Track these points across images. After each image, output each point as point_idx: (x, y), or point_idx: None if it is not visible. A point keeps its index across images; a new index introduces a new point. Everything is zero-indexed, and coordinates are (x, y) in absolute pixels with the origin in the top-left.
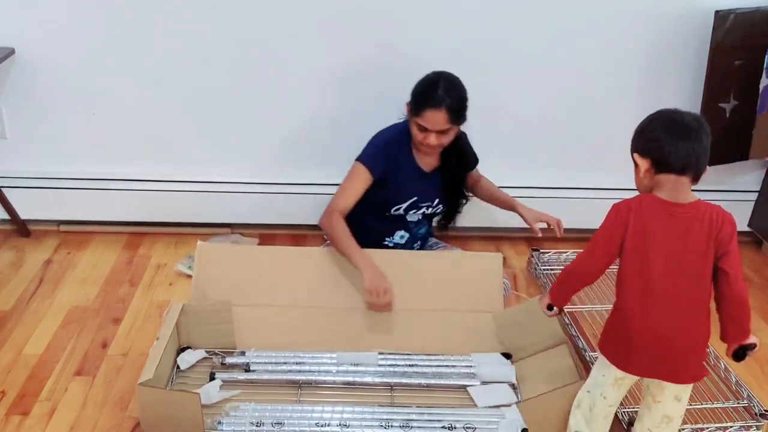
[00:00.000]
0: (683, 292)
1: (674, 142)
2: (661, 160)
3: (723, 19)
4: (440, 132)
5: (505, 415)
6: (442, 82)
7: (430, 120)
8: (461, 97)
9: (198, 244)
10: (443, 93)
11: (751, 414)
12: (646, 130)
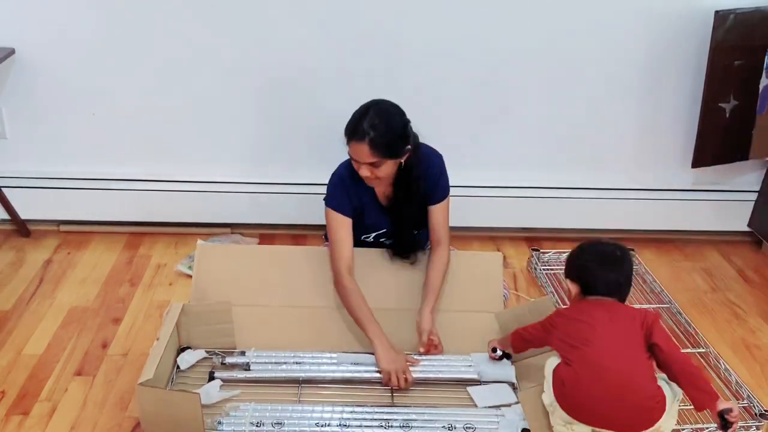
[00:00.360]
0: (629, 366)
1: (601, 273)
2: (588, 288)
3: (723, 19)
4: (370, 164)
5: (505, 415)
6: (370, 114)
7: (355, 152)
8: (387, 130)
9: (198, 243)
10: (367, 126)
11: (751, 414)
12: (578, 261)
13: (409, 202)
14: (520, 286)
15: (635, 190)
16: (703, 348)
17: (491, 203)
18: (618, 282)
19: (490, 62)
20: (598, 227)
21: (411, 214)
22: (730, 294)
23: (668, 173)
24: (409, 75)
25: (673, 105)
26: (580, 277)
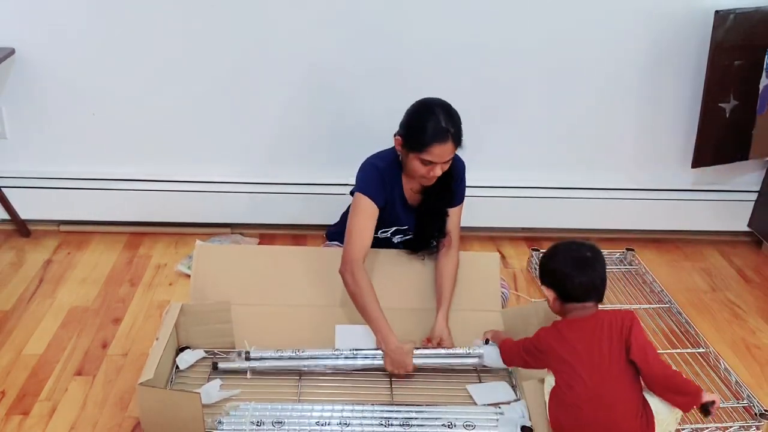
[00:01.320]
0: (613, 389)
1: (575, 276)
2: (564, 293)
3: (723, 19)
4: (446, 162)
5: (505, 413)
6: (440, 112)
7: (437, 154)
8: (459, 121)
9: (197, 244)
10: (446, 123)
11: (751, 414)
12: (550, 267)
13: (440, 200)
14: (520, 286)
15: (635, 190)
16: (703, 348)
17: (491, 203)
18: (593, 284)
19: (490, 62)
20: (598, 227)
21: (438, 212)
22: (730, 294)
23: (668, 173)
24: (410, 75)
25: (673, 105)
26: (555, 284)
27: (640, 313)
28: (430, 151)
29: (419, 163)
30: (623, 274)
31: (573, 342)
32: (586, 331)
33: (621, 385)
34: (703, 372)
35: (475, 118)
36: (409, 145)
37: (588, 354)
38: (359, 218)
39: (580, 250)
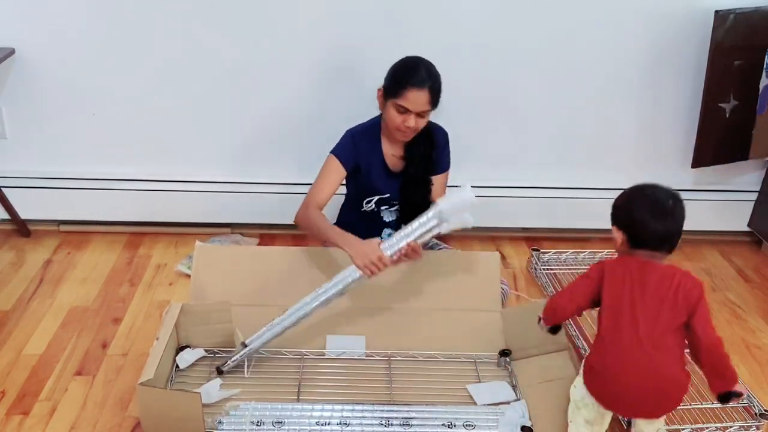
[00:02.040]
0: (656, 342)
1: (651, 223)
2: (637, 238)
3: (723, 19)
4: (419, 114)
5: (505, 413)
6: (423, 64)
7: (412, 100)
8: (440, 81)
9: (197, 244)
10: (426, 74)
11: (751, 414)
12: (625, 208)
13: (422, 164)
14: (520, 286)
15: None
16: None
17: (491, 203)
18: (669, 233)
19: (490, 62)
20: (598, 227)
21: (421, 180)
22: (730, 294)
23: (668, 173)
24: None
25: (673, 105)
26: (627, 228)
27: None
28: (406, 95)
29: (395, 112)
30: None
31: (634, 283)
32: (654, 277)
33: (665, 352)
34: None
35: (475, 118)
36: (388, 92)
37: (639, 304)
38: (322, 175)
39: (661, 196)
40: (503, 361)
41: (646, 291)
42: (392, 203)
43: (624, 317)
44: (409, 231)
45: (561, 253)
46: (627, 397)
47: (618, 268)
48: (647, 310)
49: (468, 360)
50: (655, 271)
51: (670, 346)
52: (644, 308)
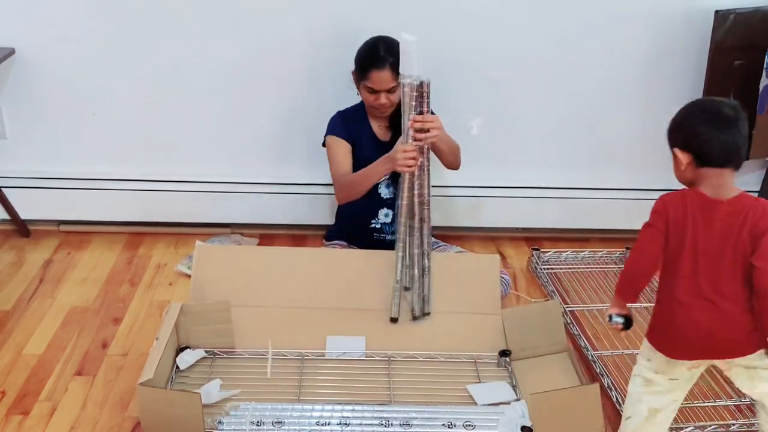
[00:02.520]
0: (720, 287)
1: (715, 135)
2: (702, 155)
3: (723, 19)
4: (389, 91)
5: (505, 413)
6: (381, 44)
7: (377, 80)
8: (398, 52)
9: (197, 244)
10: (384, 53)
11: (753, 412)
12: (685, 124)
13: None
14: (520, 286)
15: (635, 190)
16: None
17: (491, 203)
18: (735, 145)
19: (491, 62)
20: (598, 227)
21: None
22: None
23: (668, 173)
24: None
25: (673, 105)
26: (690, 146)
27: (641, 312)
28: (371, 77)
29: (366, 92)
30: None
31: (696, 223)
32: (720, 214)
33: (734, 283)
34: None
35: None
36: (357, 76)
37: (706, 243)
38: (333, 154)
39: (718, 106)
40: (503, 361)
41: (710, 231)
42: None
43: (684, 263)
44: (403, 121)
45: (561, 253)
46: (693, 346)
47: (679, 207)
48: (711, 254)
49: (468, 360)
50: (721, 208)
51: (735, 294)
52: (708, 251)
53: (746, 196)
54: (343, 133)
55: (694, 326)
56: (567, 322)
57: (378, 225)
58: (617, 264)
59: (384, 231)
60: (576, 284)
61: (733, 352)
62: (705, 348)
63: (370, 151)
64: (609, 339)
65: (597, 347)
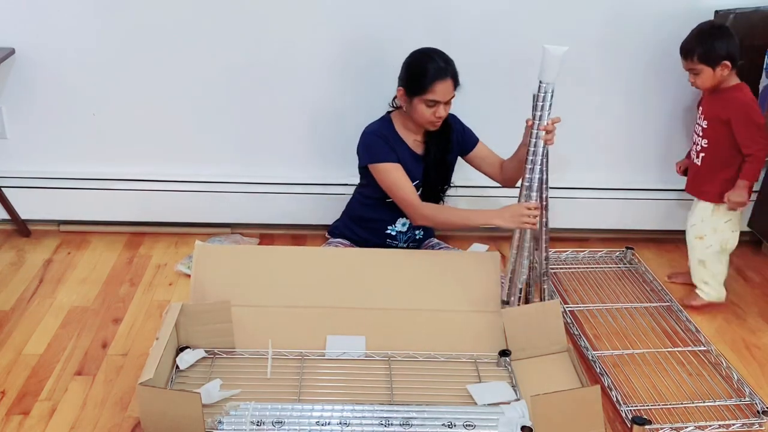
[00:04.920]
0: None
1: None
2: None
3: (723, 19)
4: (448, 102)
5: (505, 413)
6: (437, 56)
7: (440, 92)
8: (453, 62)
9: (196, 244)
10: (444, 63)
11: (753, 411)
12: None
13: (442, 145)
14: None
15: (635, 190)
16: (704, 346)
17: (491, 203)
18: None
19: (490, 63)
20: (598, 227)
21: (442, 162)
22: (730, 294)
23: (668, 173)
24: None
25: (673, 105)
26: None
27: (641, 311)
28: (434, 89)
29: (425, 107)
30: (623, 273)
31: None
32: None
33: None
34: (704, 370)
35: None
36: (412, 91)
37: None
38: (392, 177)
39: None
40: (503, 361)
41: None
42: (418, 187)
43: None
44: (535, 126)
45: (561, 253)
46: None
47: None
48: None
49: (468, 360)
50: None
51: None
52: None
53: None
54: (391, 155)
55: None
56: (567, 322)
57: (393, 232)
58: (617, 264)
59: (398, 239)
60: (576, 284)
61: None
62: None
63: (412, 168)
64: (609, 339)
65: (597, 347)
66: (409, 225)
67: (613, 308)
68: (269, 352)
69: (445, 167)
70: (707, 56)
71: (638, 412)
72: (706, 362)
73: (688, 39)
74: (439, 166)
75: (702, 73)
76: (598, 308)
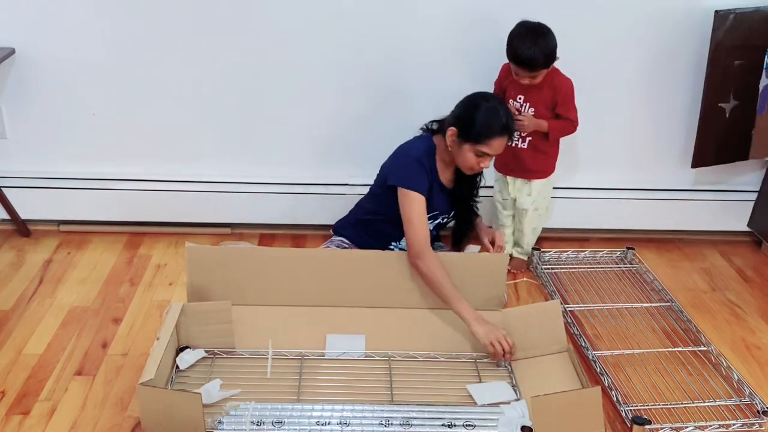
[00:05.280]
0: None
1: None
2: None
3: (723, 19)
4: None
5: (505, 413)
6: (502, 109)
7: (497, 147)
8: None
9: (186, 246)
10: (506, 118)
11: (753, 411)
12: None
13: (472, 180)
14: (520, 285)
15: (635, 190)
16: (704, 346)
17: (491, 203)
18: None
19: (490, 63)
20: (598, 227)
21: (474, 194)
22: (730, 294)
23: (668, 173)
24: (410, 76)
25: (673, 105)
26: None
27: (641, 311)
28: (491, 143)
29: (473, 155)
30: (623, 273)
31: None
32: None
33: None
34: (705, 370)
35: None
36: (465, 137)
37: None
38: (414, 212)
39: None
40: (503, 361)
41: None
42: (435, 216)
43: None
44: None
45: (562, 253)
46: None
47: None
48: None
49: (468, 360)
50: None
51: None
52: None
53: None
54: (424, 186)
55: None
56: (567, 322)
57: (396, 249)
58: (617, 264)
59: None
60: (576, 284)
61: None
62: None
63: (439, 201)
64: (609, 339)
65: (597, 347)
66: None
67: (614, 308)
68: (269, 352)
69: (472, 197)
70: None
71: (638, 412)
72: (707, 362)
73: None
74: (468, 199)
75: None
76: (599, 308)
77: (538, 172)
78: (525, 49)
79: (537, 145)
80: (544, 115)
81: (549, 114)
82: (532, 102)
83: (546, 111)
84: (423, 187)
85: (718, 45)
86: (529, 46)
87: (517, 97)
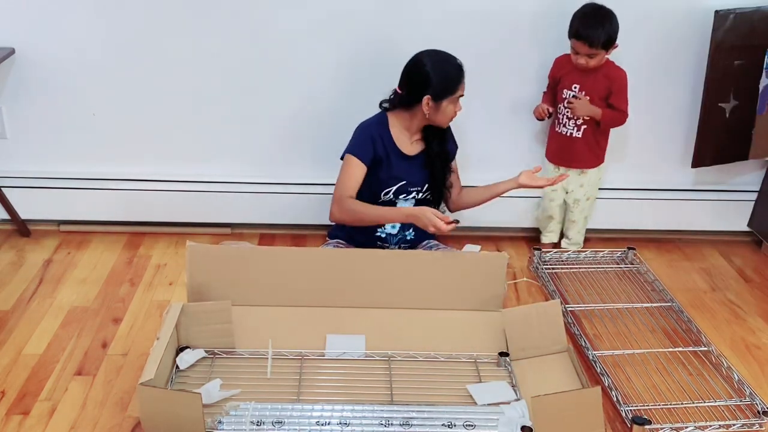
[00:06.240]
0: None
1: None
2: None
3: (723, 19)
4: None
5: (505, 412)
6: (447, 55)
7: (464, 87)
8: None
9: (188, 245)
10: (456, 59)
11: (754, 412)
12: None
13: (440, 135)
14: (520, 285)
15: (635, 190)
16: (704, 346)
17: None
18: None
19: (491, 63)
20: (598, 227)
21: (445, 163)
22: (730, 294)
23: (668, 173)
24: None
25: (673, 105)
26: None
27: (642, 311)
28: (462, 86)
29: (452, 106)
30: (624, 273)
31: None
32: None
33: None
34: (705, 370)
35: (476, 119)
36: (441, 95)
37: None
38: (345, 173)
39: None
40: (503, 361)
41: None
42: (408, 191)
43: None
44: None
45: (561, 253)
46: None
47: None
48: None
49: (468, 360)
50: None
51: None
52: None
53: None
54: (365, 154)
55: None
56: (567, 322)
57: (383, 234)
58: (618, 264)
59: (388, 241)
60: (576, 284)
61: None
62: None
63: (398, 167)
64: (609, 339)
65: (597, 347)
66: (400, 227)
67: (614, 308)
68: (269, 352)
69: (445, 157)
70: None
71: (638, 412)
72: (707, 362)
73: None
74: (443, 160)
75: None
76: (599, 308)
77: (592, 161)
78: (590, 25)
79: (590, 134)
80: (597, 105)
81: (602, 105)
82: (587, 91)
83: (599, 101)
84: (362, 153)
85: (718, 45)
86: (593, 23)
87: (572, 86)
